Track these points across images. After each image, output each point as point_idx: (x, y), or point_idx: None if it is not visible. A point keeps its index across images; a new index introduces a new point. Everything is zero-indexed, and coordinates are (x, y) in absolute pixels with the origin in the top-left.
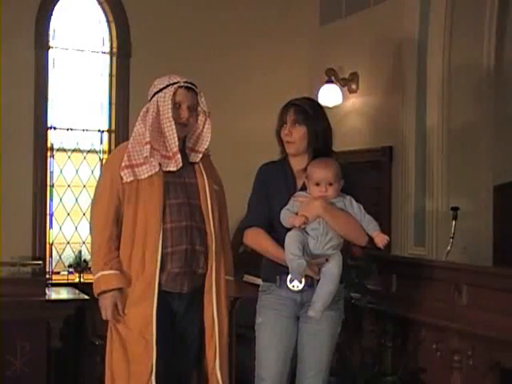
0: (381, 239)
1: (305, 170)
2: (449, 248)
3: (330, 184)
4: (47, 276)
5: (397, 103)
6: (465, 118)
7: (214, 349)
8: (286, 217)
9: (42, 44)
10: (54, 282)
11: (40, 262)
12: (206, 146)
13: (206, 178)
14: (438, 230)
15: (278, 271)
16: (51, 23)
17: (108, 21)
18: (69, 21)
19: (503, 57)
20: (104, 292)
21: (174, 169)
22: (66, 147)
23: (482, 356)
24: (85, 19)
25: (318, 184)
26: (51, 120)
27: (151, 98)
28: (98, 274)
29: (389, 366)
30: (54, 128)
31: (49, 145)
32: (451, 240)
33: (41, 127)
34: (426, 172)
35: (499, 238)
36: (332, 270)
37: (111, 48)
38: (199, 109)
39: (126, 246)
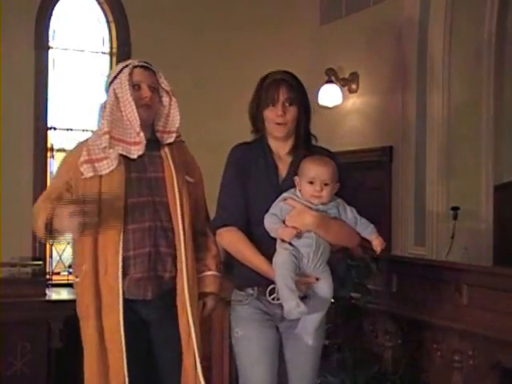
0: (379, 243)
1: (288, 153)
2: (449, 248)
3: (326, 184)
4: (47, 276)
5: (397, 103)
6: (465, 119)
7: (193, 355)
8: (272, 226)
9: (41, 44)
10: (54, 282)
11: (40, 263)
12: (177, 125)
13: (174, 171)
14: (438, 230)
15: (255, 281)
16: (51, 23)
17: (108, 21)
18: (69, 21)
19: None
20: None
21: (142, 151)
22: (66, 148)
23: (483, 356)
24: (85, 19)
25: (311, 182)
26: (51, 120)
27: (108, 90)
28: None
29: (389, 366)
30: (54, 128)
31: (49, 145)
32: (451, 240)
33: (41, 128)
34: (426, 172)
35: (499, 238)
36: (325, 293)
37: (111, 48)
38: (161, 90)
39: (90, 251)
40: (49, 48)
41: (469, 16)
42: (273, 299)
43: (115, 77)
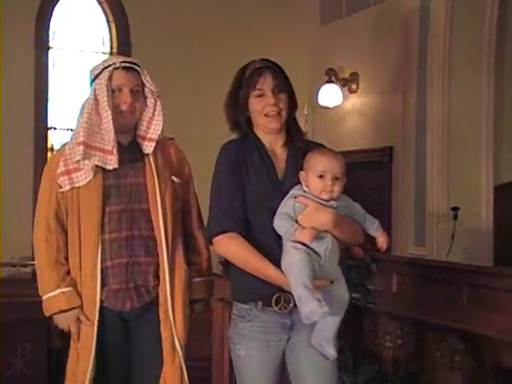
0: (385, 239)
1: (282, 147)
2: (449, 248)
3: (337, 178)
4: None
5: (397, 103)
6: (465, 119)
7: (179, 370)
8: (287, 227)
9: (42, 44)
10: None
11: None
12: (158, 132)
13: (156, 175)
14: (438, 230)
15: (258, 295)
16: (51, 23)
17: (108, 21)
18: (69, 21)
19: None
20: (64, 311)
21: (116, 165)
22: None
23: (483, 356)
24: (85, 19)
25: (321, 176)
26: (51, 120)
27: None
28: (56, 292)
29: (389, 366)
30: (54, 128)
31: (49, 145)
32: (451, 240)
33: (41, 128)
34: (426, 172)
35: (499, 238)
36: (342, 295)
37: (111, 48)
38: (146, 90)
39: (73, 262)
40: (49, 48)
41: (469, 16)
42: (280, 308)
43: (97, 75)
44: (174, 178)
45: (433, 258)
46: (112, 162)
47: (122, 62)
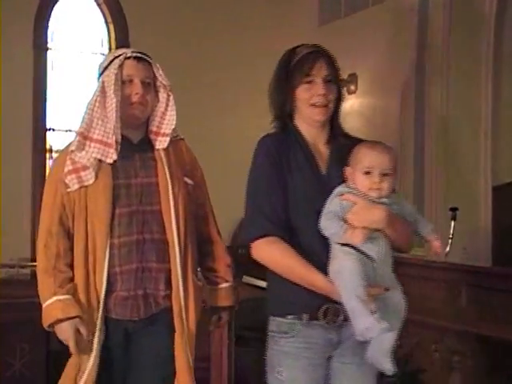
0: (439, 245)
1: (326, 144)
2: (448, 248)
3: (385, 174)
4: None
5: (396, 104)
6: (464, 119)
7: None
8: (334, 227)
9: (40, 45)
10: None
11: None
12: (172, 127)
13: (168, 175)
14: (438, 231)
15: (304, 307)
16: (50, 24)
17: (107, 22)
18: (67, 22)
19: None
20: (60, 321)
21: (115, 157)
22: None
23: (482, 356)
24: (83, 20)
25: (368, 173)
26: (50, 122)
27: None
28: (52, 299)
29: None
30: (53, 130)
31: (47, 146)
32: (450, 240)
33: (40, 129)
34: (424, 173)
35: (498, 238)
36: (399, 304)
37: (110, 49)
38: (158, 83)
39: (78, 267)
40: (47, 49)
41: (468, 17)
42: (328, 322)
43: (106, 67)
44: (186, 179)
45: (433, 258)
46: (113, 156)
47: (132, 52)
